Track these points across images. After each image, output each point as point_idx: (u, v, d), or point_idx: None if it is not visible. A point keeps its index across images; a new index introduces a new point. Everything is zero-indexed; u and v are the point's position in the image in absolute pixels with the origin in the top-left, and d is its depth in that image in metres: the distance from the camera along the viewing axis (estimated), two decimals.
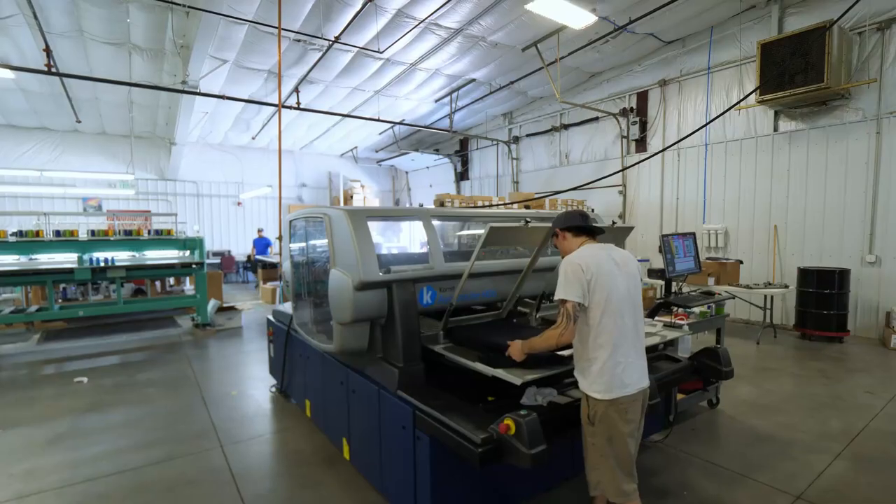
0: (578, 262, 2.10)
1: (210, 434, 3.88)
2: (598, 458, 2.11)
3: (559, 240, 2.36)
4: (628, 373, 2.10)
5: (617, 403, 2.07)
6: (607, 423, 2.08)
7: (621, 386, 2.08)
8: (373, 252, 2.60)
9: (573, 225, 2.31)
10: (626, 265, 2.22)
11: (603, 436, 2.09)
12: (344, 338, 2.76)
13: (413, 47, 8.71)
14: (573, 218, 2.33)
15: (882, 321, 6.84)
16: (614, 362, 2.07)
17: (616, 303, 2.09)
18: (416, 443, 2.34)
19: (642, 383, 2.17)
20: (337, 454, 3.44)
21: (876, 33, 6.85)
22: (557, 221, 2.37)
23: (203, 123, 12.29)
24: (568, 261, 2.14)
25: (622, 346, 2.10)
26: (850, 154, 7.15)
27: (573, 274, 2.08)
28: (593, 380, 2.10)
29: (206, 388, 5.03)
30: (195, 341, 7.11)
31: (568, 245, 2.31)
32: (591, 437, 2.13)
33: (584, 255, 2.14)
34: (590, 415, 2.11)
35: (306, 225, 3.37)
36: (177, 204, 14.00)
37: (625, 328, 2.11)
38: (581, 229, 2.31)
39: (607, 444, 2.09)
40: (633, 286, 2.20)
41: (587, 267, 2.08)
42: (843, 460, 3.36)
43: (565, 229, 2.32)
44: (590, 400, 2.12)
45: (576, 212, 2.39)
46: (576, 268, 2.09)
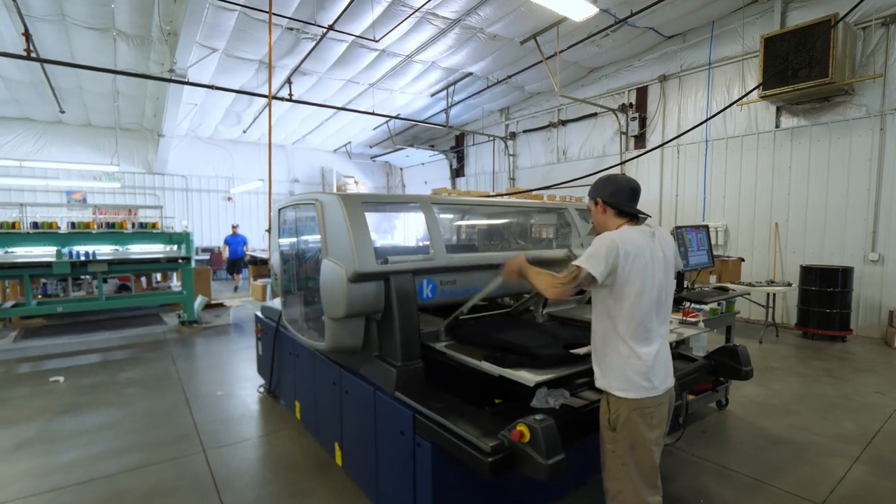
0: (619, 242, 1.87)
1: (192, 437, 3.64)
2: (618, 466, 1.91)
3: (596, 209, 2.09)
4: (654, 371, 1.91)
5: (642, 406, 1.88)
6: (630, 428, 1.88)
7: (648, 386, 1.88)
8: (369, 240, 2.38)
9: (620, 206, 2.02)
10: (665, 254, 2.01)
11: (625, 442, 1.89)
12: (336, 334, 2.54)
13: (409, 38, 8.48)
14: (623, 194, 2.02)
15: (885, 320, 6.73)
16: (640, 359, 1.88)
17: (647, 295, 1.90)
18: (416, 449, 2.12)
19: (668, 383, 1.97)
20: (329, 460, 3.21)
21: (881, 28, 6.73)
22: (602, 190, 2.06)
23: (192, 115, 11.96)
24: (609, 237, 1.90)
25: (649, 341, 1.91)
26: (853, 151, 7.03)
27: (607, 250, 1.85)
28: (615, 377, 1.90)
29: (190, 388, 4.78)
30: (181, 339, 6.84)
31: (605, 220, 2.06)
32: (610, 444, 1.93)
33: (626, 236, 1.90)
34: (611, 419, 1.91)
35: (297, 213, 3.14)
36: (165, 199, 13.62)
37: (652, 322, 1.92)
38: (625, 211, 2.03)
39: (629, 451, 1.89)
40: (668, 278, 2.01)
41: (626, 252, 1.86)
42: (863, 464, 3.20)
43: (610, 204, 2.03)
44: (611, 401, 1.92)
45: (627, 186, 2.04)
46: (613, 246, 1.85)
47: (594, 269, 1.84)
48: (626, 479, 1.90)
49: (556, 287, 1.91)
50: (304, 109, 11.97)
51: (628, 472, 1.89)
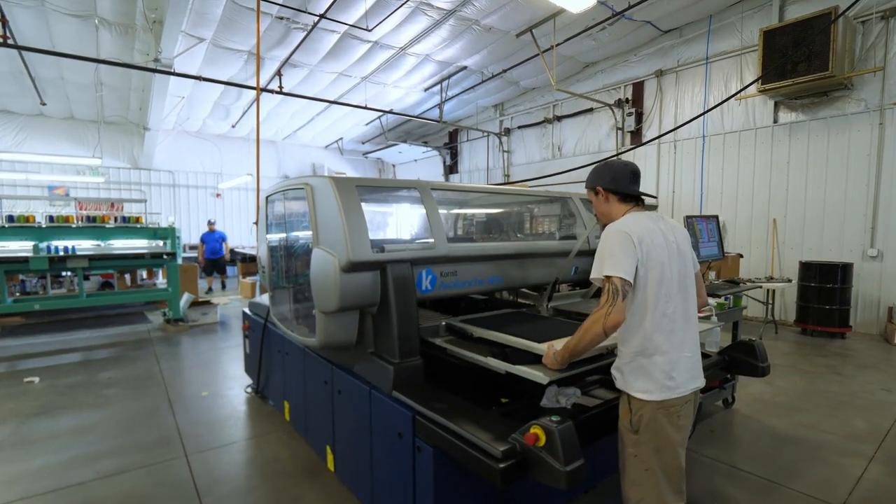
0: (628, 231, 1.72)
1: (174, 441, 3.42)
2: (641, 472, 1.75)
3: (598, 199, 1.95)
4: (680, 369, 1.74)
5: (667, 406, 1.71)
6: (654, 429, 1.71)
7: (673, 385, 1.72)
8: (363, 226, 2.19)
9: (622, 190, 1.89)
10: (678, 240, 1.86)
11: (648, 445, 1.72)
12: (328, 329, 2.35)
13: (403, 29, 8.28)
14: (623, 178, 1.89)
15: (884, 317, 6.67)
16: (665, 356, 1.71)
17: (668, 284, 1.74)
18: (416, 454, 1.94)
19: (696, 382, 1.81)
20: (320, 464, 3.02)
21: (881, 22, 6.66)
22: (600, 178, 1.93)
23: (179, 109, 11.65)
24: (615, 229, 1.76)
25: (674, 336, 1.74)
26: (851, 146, 6.96)
27: (621, 245, 1.69)
28: (638, 377, 1.74)
29: (173, 388, 4.55)
30: (166, 337, 6.59)
31: (609, 209, 1.92)
32: (632, 447, 1.76)
33: (633, 223, 1.77)
34: (632, 420, 1.75)
35: (286, 201, 2.94)
36: (151, 195, 13.29)
37: (676, 315, 1.75)
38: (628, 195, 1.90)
39: (654, 455, 1.72)
40: (686, 265, 1.84)
41: (639, 239, 1.71)
42: (879, 464, 3.07)
43: (611, 191, 1.90)
44: (632, 402, 1.75)
45: (625, 168, 1.91)
46: (625, 238, 1.71)
47: (623, 272, 1.65)
48: (650, 486, 1.73)
49: (611, 314, 1.62)
50: (295, 103, 11.72)
51: (653, 477, 1.73)
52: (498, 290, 2.95)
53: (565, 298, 3.20)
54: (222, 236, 11.19)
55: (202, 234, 11.18)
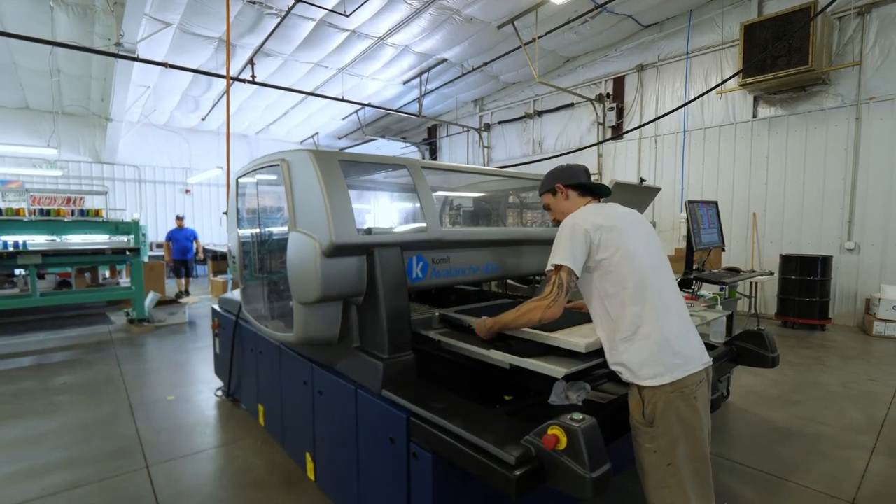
0: (580, 221, 1.70)
1: (134, 451, 3.09)
2: (663, 470, 1.55)
3: (557, 199, 1.95)
4: (683, 343, 1.61)
5: (681, 387, 1.55)
6: (672, 416, 1.54)
7: (682, 362, 1.58)
8: (348, 205, 1.95)
9: (581, 182, 1.91)
10: (640, 220, 1.82)
11: (667, 437, 1.55)
12: (308, 323, 2.10)
13: (381, 17, 8.00)
14: (579, 174, 1.94)
15: (861, 308, 6.77)
16: (664, 332, 1.58)
17: (638, 259, 1.65)
18: (410, 461, 1.71)
19: (705, 358, 1.68)
20: (298, 473, 2.75)
21: (856, 18, 6.75)
22: (559, 176, 1.95)
23: (144, 100, 11.06)
24: (568, 222, 1.73)
25: (667, 310, 1.63)
26: (829, 140, 7.04)
27: (571, 236, 1.67)
28: (643, 363, 1.57)
29: (135, 393, 4.19)
30: (129, 339, 6.15)
31: (569, 206, 1.90)
32: (650, 443, 1.58)
33: (590, 212, 1.77)
34: (645, 411, 1.57)
35: (259, 183, 2.66)
36: (115, 190, 12.62)
37: (661, 290, 1.65)
38: (588, 189, 1.92)
39: (674, 447, 1.55)
40: (655, 243, 1.79)
41: (596, 224, 1.68)
42: (881, 456, 2.99)
43: (570, 186, 1.91)
44: (643, 392, 1.58)
45: (579, 167, 1.97)
46: (576, 228, 1.68)
47: (567, 261, 1.64)
48: (677, 485, 1.55)
49: (549, 308, 1.64)
50: (269, 96, 11.29)
51: (676, 473, 1.55)
52: (493, 279, 2.75)
53: None
54: (192, 234, 9.84)
55: (169, 232, 9.73)
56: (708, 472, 1.63)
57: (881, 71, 6.56)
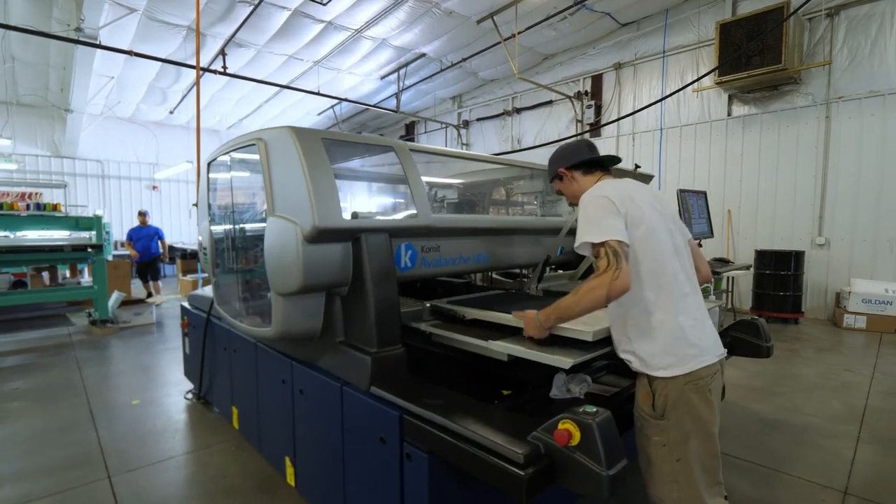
0: (605, 194, 1.56)
1: (94, 460, 2.84)
2: (672, 465, 1.47)
3: (565, 183, 1.83)
4: (699, 332, 1.52)
5: (695, 379, 1.46)
6: (684, 410, 1.46)
7: (697, 353, 1.48)
8: (333, 186, 1.79)
9: (582, 160, 1.78)
10: (662, 202, 1.70)
11: (678, 430, 1.46)
12: (288, 316, 1.93)
13: (359, 8, 7.80)
14: (580, 151, 1.80)
15: (832, 302, 6.95)
16: (679, 320, 1.49)
17: (658, 241, 1.54)
18: (404, 463, 1.57)
19: (719, 349, 1.59)
20: (277, 478, 2.57)
21: (826, 19, 6.92)
22: (559, 160, 1.83)
23: (108, 91, 10.54)
24: (591, 196, 1.59)
25: (684, 297, 1.53)
26: (800, 138, 7.21)
27: (603, 209, 1.52)
28: (653, 352, 1.48)
29: (97, 398, 3.90)
30: (90, 341, 5.79)
31: (579, 187, 1.78)
32: (659, 436, 1.49)
33: (608, 186, 1.62)
34: (656, 403, 1.48)
35: (231, 166, 2.47)
36: (76, 186, 12.01)
37: (678, 274, 1.55)
38: (593, 164, 1.79)
39: (685, 442, 1.46)
40: (676, 227, 1.68)
41: (620, 199, 1.54)
42: (866, 444, 3.01)
43: (573, 168, 1.79)
44: (654, 383, 1.49)
45: (580, 143, 1.83)
46: (604, 201, 1.54)
47: (617, 233, 1.46)
48: (686, 480, 1.46)
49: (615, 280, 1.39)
50: (241, 89, 10.92)
51: (687, 469, 1.46)
52: (484, 269, 2.63)
53: (551, 280, 2.93)
54: (156, 232, 8.70)
55: (130, 230, 8.63)
56: (719, 468, 1.55)
57: (849, 71, 6.75)
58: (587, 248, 1.52)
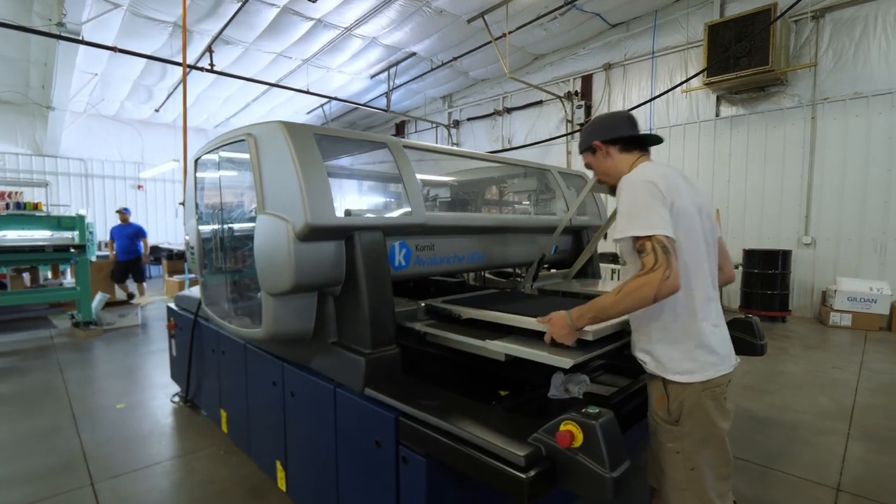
0: (652, 179, 1.42)
1: (77, 466, 2.76)
2: (685, 473, 1.43)
3: (597, 158, 1.67)
4: (719, 340, 1.47)
5: (712, 387, 1.43)
6: (699, 417, 1.42)
7: (716, 360, 1.44)
8: (325, 183, 1.75)
9: (622, 136, 1.61)
10: (700, 194, 1.58)
11: (693, 437, 1.43)
12: (279, 316, 1.88)
13: (349, 6, 7.72)
14: (620, 124, 1.62)
15: (818, 301, 7.04)
16: (703, 326, 1.43)
17: (696, 239, 1.46)
18: (400, 466, 1.53)
19: (733, 357, 1.54)
20: (268, 483, 2.51)
21: (812, 21, 7.02)
22: (595, 131, 1.66)
23: (92, 88, 10.33)
24: (636, 180, 1.45)
25: (707, 302, 1.47)
26: (787, 139, 7.30)
27: (651, 196, 1.38)
28: (675, 358, 1.43)
29: (80, 402, 3.80)
30: (73, 344, 5.65)
31: (613, 164, 1.63)
32: (673, 442, 1.45)
33: (652, 171, 1.48)
34: (670, 408, 1.44)
35: (220, 163, 2.41)
36: (59, 185, 11.75)
37: (707, 277, 1.48)
38: (632, 141, 1.62)
39: (700, 449, 1.43)
40: (710, 224, 1.57)
41: (667, 187, 1.41)
42: (856, 441, 3.03)
43: (610, 142, 1.62)
44: (670, 387, 1.45)
45: (621, 116, 1.65)
46: (651, 188, 1.40)
47: (665, 227, 1.34)
48: (700, 489, 1.43)
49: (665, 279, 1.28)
50: (229, 87, 10.77)
51: (700, 478, 1.43)
52: (479, 268, 2.60)
53: (546, 279, 2.91)
54: (138, 230, 8.18)
55: (112, 229, 8.16)
56: (730, 475, 1.52)
57: (834, 72, 6.85)
58: (628, 242, 1.41)
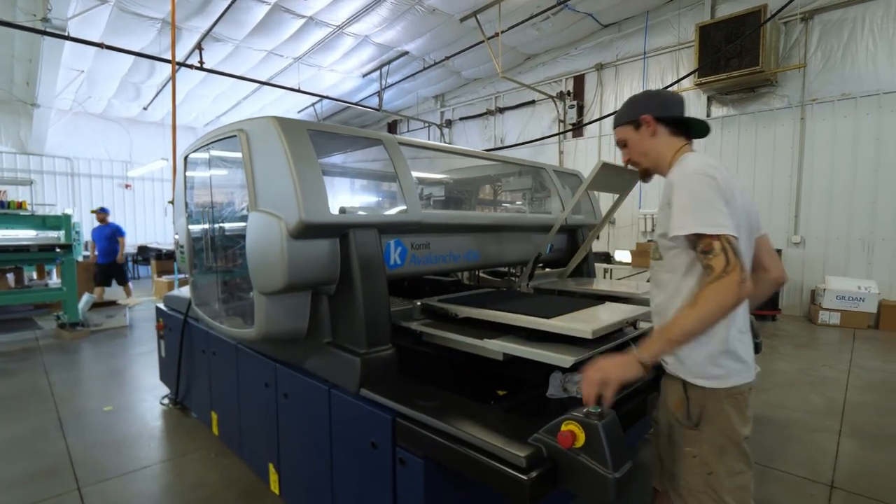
0: (710, 173, 1.31)
1: (63, 471, 2.69)
2: (702, 477, 1.38)
3: (640, 134, 1.50)
4: (746, 347, 1.41)
5: (735, 394, 1.37)
6: (721, 422, 1.36)
7: (742, 368, 1.38)
8: (319, 180, 1.71)
9: (677, 117, 1.47)
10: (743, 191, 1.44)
11: (712, 443, 1.37)
12: (272, 316, 1.84)
13: (341, 4, 7.67)
14: (675, 105, 1.48)
15: (807, 299, 7.12)
16: (732, 332, 1.36)
17: (745, 240, 1.38)
18: (397, 468, 1.50)
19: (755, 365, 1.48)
20: (260, 486, 2.47)
21: (800, 23, 7.10)
22: (649, 103, 1.49)
23: (78, 86, 10.16)
24: (691, 172, 1.33)
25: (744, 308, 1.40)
26: (777, 139, 7.38)
27: (713, 190, 1.28)
28: (697, 359, 1.37)
29: (66, 404, 3.72)
30: (59, 345, 5.54)
31: (656, 146, 1.48)
32: (691, 446, 1.39)
33: (706, 163, 1.35)
34: (690, 411, 1.38)
35: (210, 161, 2.36)
36: (44, 184, 11.54)
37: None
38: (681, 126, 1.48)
39: (718, 455, 1.37)
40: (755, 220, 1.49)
41: (725, 183, 1.31)
42: (848, 438, 3.06)
43: (662, 120, 1.47)
44: (691, 390, 1.39)
45: (673, 94, 1.52)
46: (711, 182, 1.29)
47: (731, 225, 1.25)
48: (716, 494, 1.38)
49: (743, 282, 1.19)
50: (219, 85, 10.64)
51: (717, 481, 1.38)
52: (474, 267, 2.58)
53: (540, 278, 2.89)
54: (116, 229, 7.61)
55: (92, 231, 7.63)
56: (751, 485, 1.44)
57: (822, 74, 6.92)
58: (682, 240, 1.30)
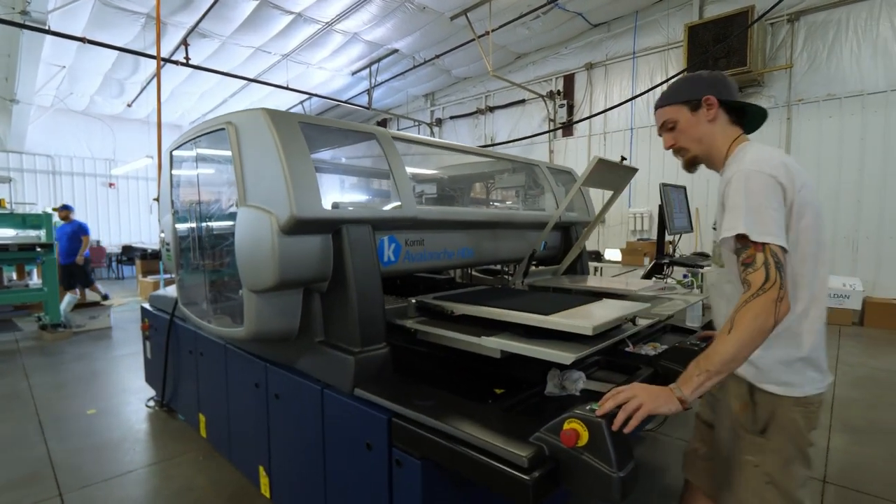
0: (773, 173, 1.20)
1: (44, 476, 2.60)
2: (761, 487, 1.29)
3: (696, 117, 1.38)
4: (823, 354, 1.32)
5: (806, 404, 1.29)
6: (790, 432, 1.28)
7: (818, 377, 1.29)
8: (311, 174, 1.66)
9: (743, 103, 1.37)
10: None
11: (778, 454, 1.28)
12: (262, 315, 1.79)
13: (329, 1, 7.59)
14: (735, 89, 1.38)
15: None
16: (811, 338, 1.28)
17: (823, 241, 1.29)
18: (393, 470, 1.46)
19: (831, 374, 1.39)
20: (250, 490, 2.41)
21: (787, 24, 7.19)
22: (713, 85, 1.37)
23: (59, 81, 9.92)
24: (749, 170, 1.21)
25: (822, 313, 1.31)
26: (763, 139, 7.37)
27: (771, 193, 1.18)
28: (775, 365, 1.28)
29: (47, 408, 3.61)
30: (40, 347, 5.39)
31: (712, 134, 1.38)
32: (753, 454, 1.30)
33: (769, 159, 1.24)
34: (757, 417, 1.30)
35: (197, 155, 2.29)
36: (24, 182, 11.26)
37: (824, 280, 1.31)
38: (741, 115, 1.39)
39: (782, 467, 1.28)
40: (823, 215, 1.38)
41: (790, 182, 1.20)
42: (838, 433, 3.09)
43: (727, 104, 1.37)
44: (760, 396, 1.30)
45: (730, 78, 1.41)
46: (771, 183, 1.19)
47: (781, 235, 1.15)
48: None
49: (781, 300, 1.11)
50: (205, 82, 10.47)
51: (775, 496, 1.29)
52: (469, 264, 2.55)
53: (535, 275, 2.87)
54: (79, 226, 7.01)
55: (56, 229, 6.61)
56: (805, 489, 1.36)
57: (808, 74, 7.02)
58: (731, 242, 1.21)
